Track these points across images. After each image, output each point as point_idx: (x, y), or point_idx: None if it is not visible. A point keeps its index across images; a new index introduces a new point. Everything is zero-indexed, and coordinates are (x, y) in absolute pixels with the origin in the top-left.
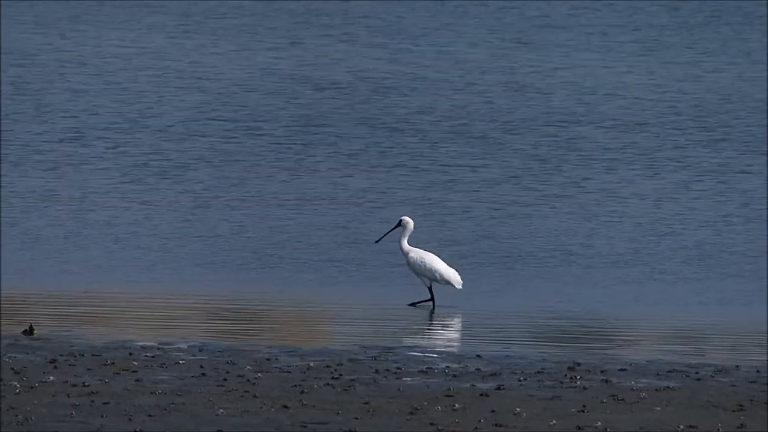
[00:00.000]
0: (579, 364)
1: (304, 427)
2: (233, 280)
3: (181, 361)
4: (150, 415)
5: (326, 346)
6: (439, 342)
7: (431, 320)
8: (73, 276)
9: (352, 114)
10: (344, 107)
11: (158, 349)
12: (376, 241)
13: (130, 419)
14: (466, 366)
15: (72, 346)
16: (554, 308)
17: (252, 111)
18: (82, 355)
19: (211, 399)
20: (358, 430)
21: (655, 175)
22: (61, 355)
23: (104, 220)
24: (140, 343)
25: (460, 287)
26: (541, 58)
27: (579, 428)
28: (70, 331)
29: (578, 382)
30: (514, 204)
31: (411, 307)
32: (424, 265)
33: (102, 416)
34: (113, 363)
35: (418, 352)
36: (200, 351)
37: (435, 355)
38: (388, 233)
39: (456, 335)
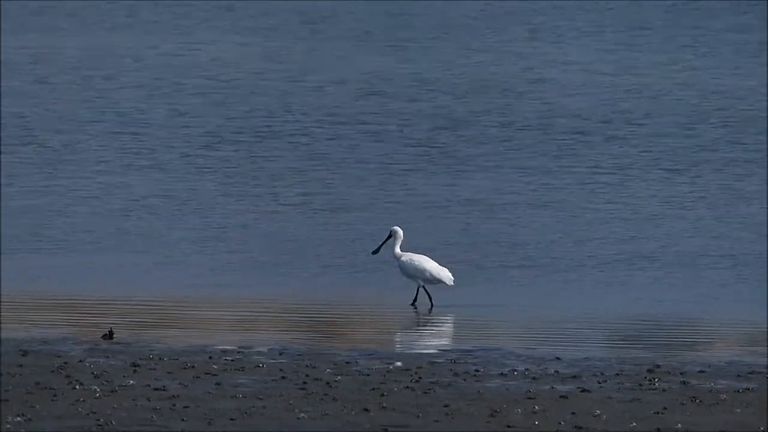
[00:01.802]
0: (658, 366)
1: (385, 430)
2: (314, 283)
3: (261, 365)
4: (231, 419)
5: (406, 348)
6: (518, 344)
7: (509, 323)
8: (153, 280)
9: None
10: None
11: (238, 352)
12: (373, 253)
13: (210, 423)
14: (546, 368)
15: (152, 350)
16: (631, 310)
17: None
18: (162, 359)
19: (291, 402)
20: None
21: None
22: (141, 359)
23: (188, 225)
24: (220, 347)
25: (452, 283)
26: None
27: (659, 430)
28: (150, 335)
29: (657, 384)
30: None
31: (417, 309)
32: (414, 267)
33: (182, 420)
34: (193, 367)
35: (497, 354)
36: (280, 354)
37: (514, 358)
38: (383, 244)
39: (534, 338)
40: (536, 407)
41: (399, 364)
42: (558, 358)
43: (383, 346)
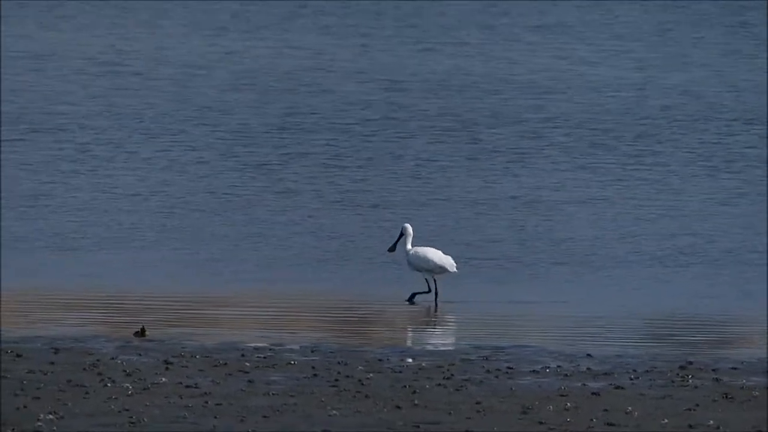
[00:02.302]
0: (690, 363)
1: (417, 427)
2: (345, 280)
3: (293, 362)
4: (263, 416)
5: (438, 346)
6: (550, 341)
7: (542, 319)
8: (187, 277)
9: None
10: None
11: (270, 350)
12: (389, 251)
13: (242, 420)
14: (578, 365)
15: (184, 348)
16: (662, 307)
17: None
18: (195, 357)
19: (323, 400)
20: (470, 430)
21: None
22: (174, 357)
23: (229, 222)
24: (252, 345)
25: (455, 270)
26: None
27: (691, 427)
28: (182, 332)
29: (690, 381)
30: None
31: (435, 304)
32: (419, 258)
33: (215, 417)
34: (225, 364)
35: (529, 351)
36: (312, 352)
37: (546, 355)
38: (397, 242)
39: (567, 334)
40: (568, 404)
41: (431, 361)
42: (590, 355)
43: (415, 343)
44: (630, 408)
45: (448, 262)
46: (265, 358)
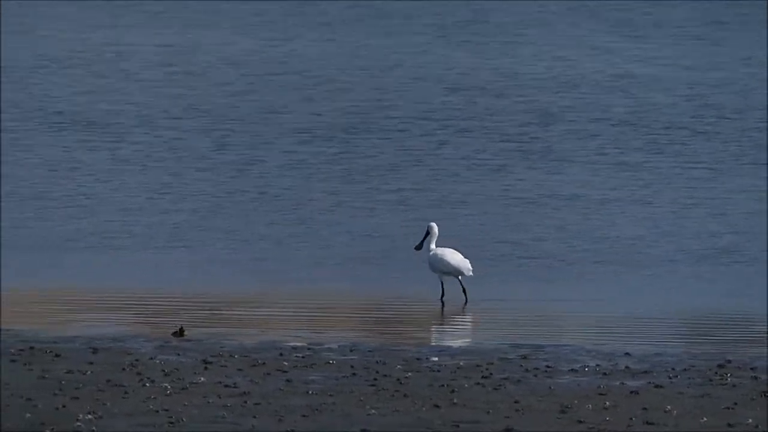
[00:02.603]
0: (729, 362)
1: (456, 426)
2: (384, 279)
3: (331, 361)
4: (302, 416)
5: (476, 345)
6: (588, 340)
7: (581, 318)
8: (223, 277)
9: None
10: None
11: (308, 349)
12: (416, 249)
13: (280, 420)
14: (616, 364)
15: (222, 347)
16: (700, 305)
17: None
18: (233, 356)
19: (362, 399)
20: (509, 429)
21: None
22: (212, 356)
23: (277, 221)
24: (291, 344)
25: (471, 273)
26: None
27: (729, 425)
28: (220, 332)
29: (728, 380)
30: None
31: (462, 304)
32: (438, 260)
33: (253, 417)
34: (264, 364)
35: (568, 350)
36: (351, 351)
37: (585, 354)
38: (424, 240)
39: (605, 333)
40: (607, 403)
41: (469, 360)
42: (628, 354)
43: (454, 342)
44: (669, 407)
45: (465, 266)
46: (303, 357)
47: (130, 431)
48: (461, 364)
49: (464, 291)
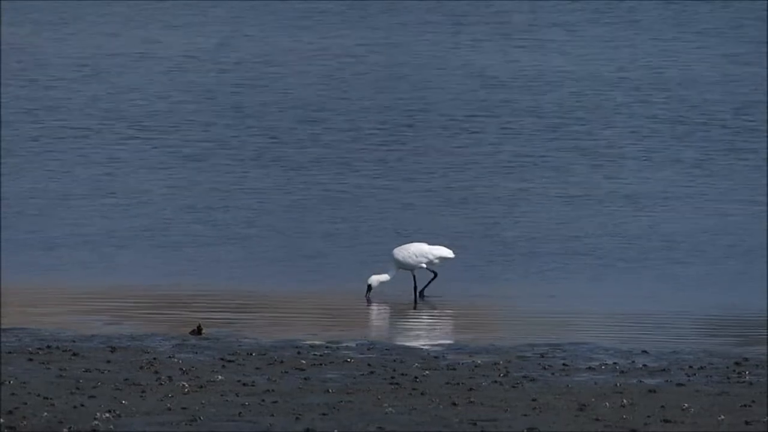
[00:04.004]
0: (746, 359)
1: (473, 424)
2: (403, 278)
3: (349, 359)
4: (321, 414)
5: (493, 343)
6: (606, 338)
7: (597, 316)
8: (240, 275)
9: None
10: None
11: (326, 347)
12: (368, 302)
13: (298, 418)
14: (634, 362)
15: (240, 346)
16: (718, 303)
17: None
18: (251, 355)
19: (379, 397)
20: (531, 429)
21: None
22: (230, 355)
23: (277, 221)
24: (308, 342)
25: (453, 255)
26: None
27: (747, 423)
28: (238, 330)
29: (746, 377)
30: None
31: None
32: (410, 255)
33: (271, 415)
34: (282, 362)
35: (585, 348)
36: (368, 349)
37: (602, 352)
38: (368, 294)
39: (622, 331)
40: (625, 401)
41: (487, 358)
42: (646, 352)
43: (471, 340)
44: (686, 404)
45: (445, 251)
46: (321, 355)
47: (147, 430)
48: (479, 362)
49: (427, 285)
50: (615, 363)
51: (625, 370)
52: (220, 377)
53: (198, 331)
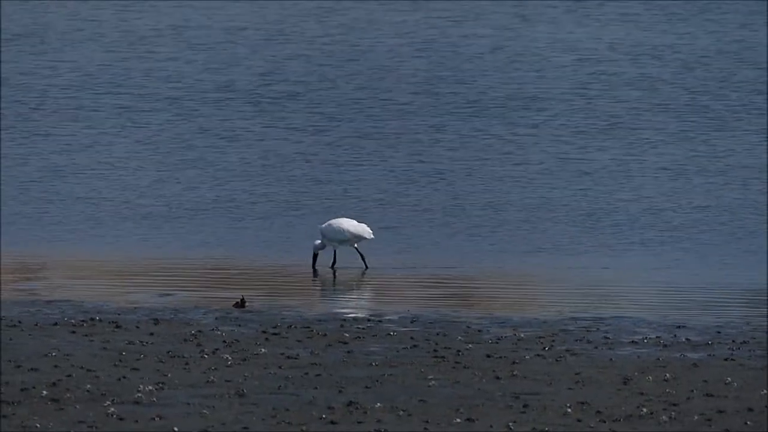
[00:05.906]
0: None
1: (516, 397)
2: (446, 250)
3: (392, 333)
4: (364, 387)
5: (537, 316)
6: (649, 312)
7: (638, 290)
8: (284, 249)
9: None
10: None
11: (369, 320)
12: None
13: (341, 391)
14: (676, 336)
15: (283, 319)
16: (761, 277)
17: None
18: (294, 328)
19: (422, 370)
20: (570, 401)
21: None
22: (273, 328)
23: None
24: (352, 315)
25: (372, 237)
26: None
27: None
28: (281, 303)
29: None
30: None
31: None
32: (335, 230)
33: (314, 388)
34: (325, 335)
35: (628, 322)
36: (411, 322)
37: (645, 326)
38: (314, 263)
39: (665, 305)
40: (667, 375)
41: (530, 332)
42: (688, 326)
43: (514, 314)
44: (729, 379)
45: (364, 230)
46: (364, 329)
47: (191, 402)
48: (522, 336)
49: (363, 258)
50: (658, 337)
51: (668, 344)
52: (263, 350)
53: (241, 304)
